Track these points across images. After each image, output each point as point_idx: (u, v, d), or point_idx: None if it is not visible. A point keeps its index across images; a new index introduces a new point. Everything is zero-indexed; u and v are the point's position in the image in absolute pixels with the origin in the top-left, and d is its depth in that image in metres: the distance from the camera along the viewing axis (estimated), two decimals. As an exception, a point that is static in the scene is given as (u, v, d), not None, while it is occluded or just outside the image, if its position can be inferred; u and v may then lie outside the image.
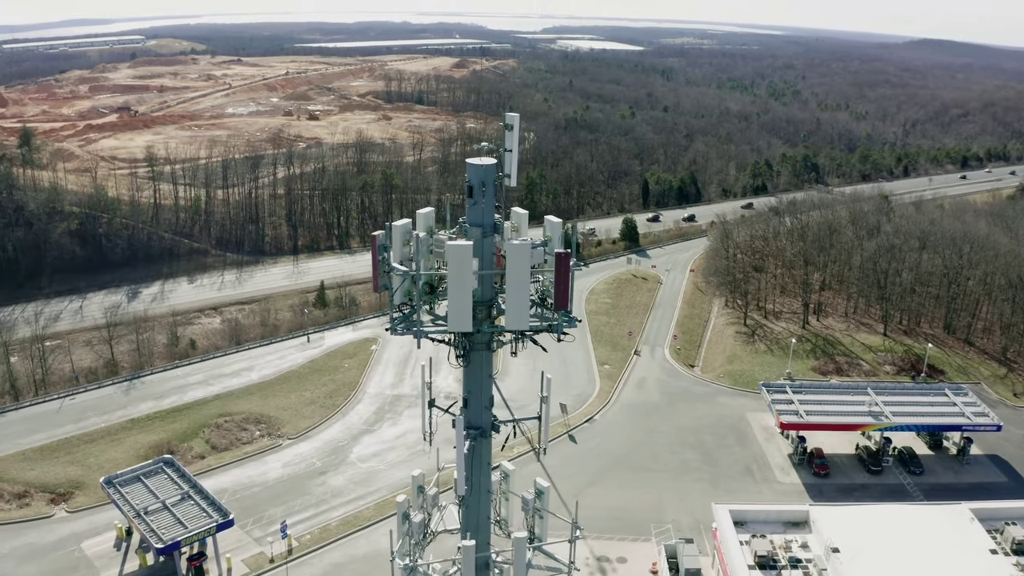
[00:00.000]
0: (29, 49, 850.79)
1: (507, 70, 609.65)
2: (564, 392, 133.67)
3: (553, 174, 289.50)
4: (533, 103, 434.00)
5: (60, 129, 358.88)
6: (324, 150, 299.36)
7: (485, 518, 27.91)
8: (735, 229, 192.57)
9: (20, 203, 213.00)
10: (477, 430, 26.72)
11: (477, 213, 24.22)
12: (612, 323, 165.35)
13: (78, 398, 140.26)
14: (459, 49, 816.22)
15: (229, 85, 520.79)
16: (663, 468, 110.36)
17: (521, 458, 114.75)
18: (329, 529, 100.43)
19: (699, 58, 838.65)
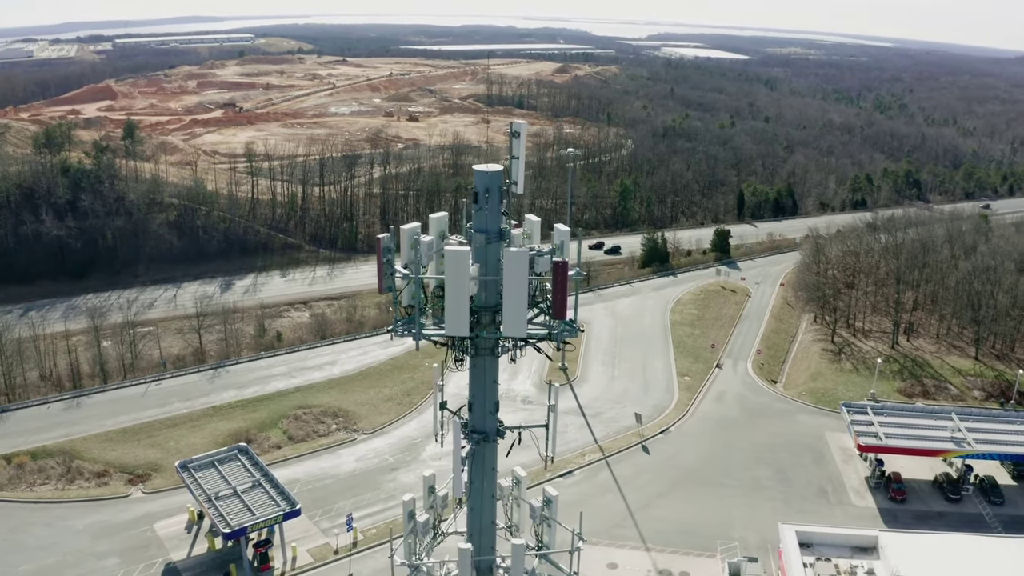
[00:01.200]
0: (141, 44, 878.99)
1: (609, 76, 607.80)
2: (641, 402, 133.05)
3: (648, 182, 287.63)
4: (632, 110, 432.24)
5: (166, 123, 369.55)
6: (421, 151, 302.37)
7: (489, 522, 27.93)
8: (828, 244, 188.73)
9: (121, 193, 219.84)
10: (481, 434, 26.74)
11: (482, 219, 24.30)
12: (696, 334, 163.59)
13: (164, 384, 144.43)
14: (562, 54, 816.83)
15: (333, 85, 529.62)
16: (735, 484, 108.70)
17: (592, 466, 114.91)
18: (397, 525, 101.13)
19: (805, 68, 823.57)
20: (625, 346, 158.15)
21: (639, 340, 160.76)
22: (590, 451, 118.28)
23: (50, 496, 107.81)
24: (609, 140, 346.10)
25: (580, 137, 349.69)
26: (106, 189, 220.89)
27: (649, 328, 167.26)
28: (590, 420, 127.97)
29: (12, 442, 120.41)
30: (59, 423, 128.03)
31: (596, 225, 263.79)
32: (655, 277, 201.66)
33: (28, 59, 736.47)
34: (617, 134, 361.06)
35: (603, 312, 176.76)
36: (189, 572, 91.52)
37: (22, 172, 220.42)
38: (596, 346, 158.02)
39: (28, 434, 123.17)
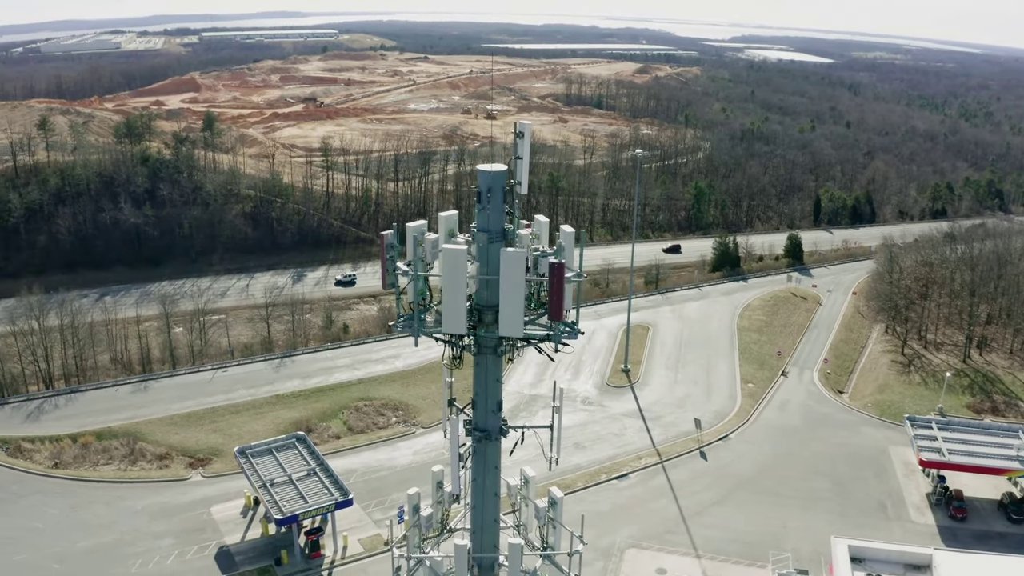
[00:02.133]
0: (227, 38, 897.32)
1: (690, 77, 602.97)
2: (702, 407, 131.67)
3: (723, 185, 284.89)
4: (710, 112, 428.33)
5: (247, 116, 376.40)
6: (496, 149, 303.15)
7: (491, 520, 27.86)
8: (903, 253, 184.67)
9: (199, 184, 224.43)
10: (483, 433, 26.65)
11: (484, 218, 24.23)
12: (763, 341, 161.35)
13: (230, 371, 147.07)
14: (644, 55, 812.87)
15: (413, 81, 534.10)
16: (792, 494, 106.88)
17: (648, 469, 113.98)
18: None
19: (890, 73, 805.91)
20: (690, 350, 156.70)
21: (704, 345, 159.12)
22: (647, 455, 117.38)
23: (112, 476, 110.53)
24: (686, 142, 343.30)
25: (657, 138, 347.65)
26: (184, 179, 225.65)
27: (715, 333, 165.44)
28: (649, 423, 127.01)
29: (80, 422, 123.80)
30: (126, 405, 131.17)
31: (669, 227, 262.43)
32: (725, 281, 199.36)
33: (116, 51, 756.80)
34: (694, 136, 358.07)
35: (670, 315, 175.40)
36: (241, 556, 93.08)
37: (102, 161, 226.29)
38: (660, 350, 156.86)
39: (95, 415, 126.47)
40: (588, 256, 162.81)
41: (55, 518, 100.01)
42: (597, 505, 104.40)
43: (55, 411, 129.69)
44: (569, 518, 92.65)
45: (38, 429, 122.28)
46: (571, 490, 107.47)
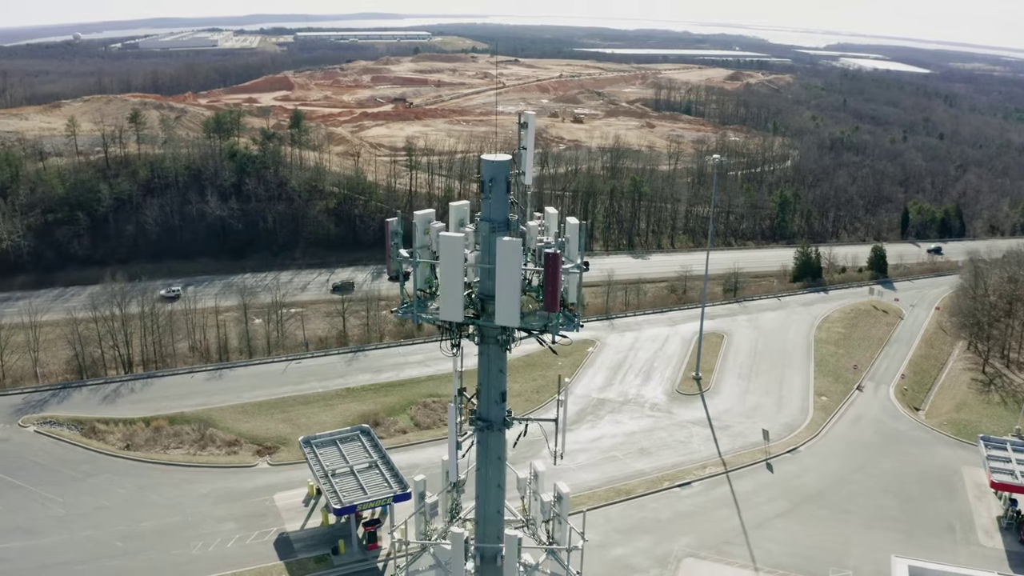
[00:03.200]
0: (322, 38, 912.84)
1: (782, 85, 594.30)
2: (772, 419, 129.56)
3: (810, 195, 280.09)
4: (800, 120, 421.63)
5: (337, 115, 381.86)
6: (581, 153, 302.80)
7: (494, 511, 27.74)
8: (989, 269, 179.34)
9: (284, 179, 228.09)
10: (486, 423, 26.57)
11: (488, 208, 24.17)
12: (840, 354, 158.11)
13: (304, 363, 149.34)
14: (736, 61, 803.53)
15: (503, 84, 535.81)
16: (857, 511, 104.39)
17: (712, 479, 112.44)
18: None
19: (988, 85, 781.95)
20: (764, 360, 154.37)
21: (779, 355, 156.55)
22: (712, 464, 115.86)
23: (181, 460, 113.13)
24: (774, 150, 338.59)
25: (744, 145, 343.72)
26: (270, 175, 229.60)
27: (791, 344, 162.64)
28: (717, 432, 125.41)
29: (154, 406, 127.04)
30: (200, 392, 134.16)
31: (752, 236, 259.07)
32: (805, 292, 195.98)
33: (212, 48, 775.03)
34: (782, 144, 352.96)
35: (746, 324, 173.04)
36: (300, 543, 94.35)
37: (191, 154, 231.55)
38: (734, 358, 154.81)
39: (170, 400, 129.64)
40: (666, 262, 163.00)
41: (122, 497, 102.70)
42: (657, 512, 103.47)
43: (131, 395, 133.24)
44: (629, 523, 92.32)
45: (113, 411, 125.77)
46: (632, 496, 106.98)
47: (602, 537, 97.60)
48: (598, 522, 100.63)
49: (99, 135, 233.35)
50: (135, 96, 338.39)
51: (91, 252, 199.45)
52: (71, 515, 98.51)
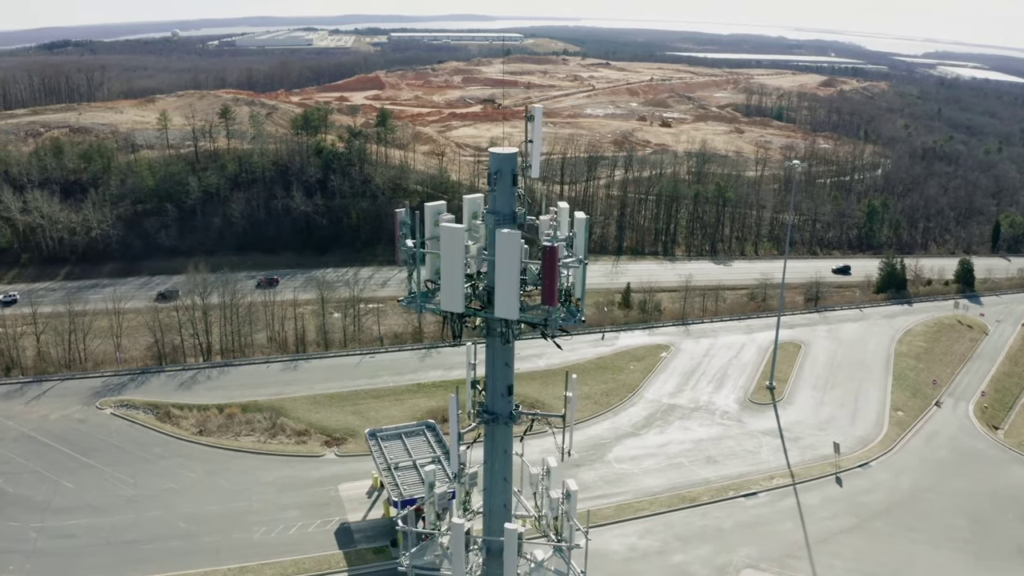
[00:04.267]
0: (415, 39, 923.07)
1: (876, 92, 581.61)
2: (845, 432, 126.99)
3: (898, 205, 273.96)
4: (892, 128, 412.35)
5: (426, 114, 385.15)
6: (666, 156, 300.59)
7: (501, 505, 27.69)
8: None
9: (369, 177, 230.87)
10: (491, 416, 26.56)
11: (493, 201, 24.17)
12: (920, 368, 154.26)
13: (377, 357, 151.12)
14: (830, 67, 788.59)
15: (592, 87, 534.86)
16: (925, 529, 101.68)
17: (778, 490, 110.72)
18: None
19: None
20: (840, 372, 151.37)
21: (857, 367, 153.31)
22: (780, 475, 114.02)
23: (251, 447, 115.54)
24: (864, 158, 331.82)
25: (834, 153, 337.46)
26: (355, 172, 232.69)
27: (871, 356, 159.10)
28: (787, 443, 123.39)
29: (228, 394, 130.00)
30: (274, 382, 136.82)
31: (839, 245, 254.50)
32: (888, 304, 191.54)
33: (307, 47, 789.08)
34: (873, 152, 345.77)
35: (825, 335, 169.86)
36: (360, 534, 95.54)
37: (279, 150, 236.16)
38: (810, 369, 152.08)
39: (244, 388, 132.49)
40: (748, 269, 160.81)
41: (191, 481, 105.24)
42: (719, 521, 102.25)
43: (207, 382, 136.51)
44: (690, 530, 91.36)
45: (188, 397, 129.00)
46: (696, 503, 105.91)
47: (661, 543, 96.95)
48: (658, 528, 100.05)
49: (190, 129, 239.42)
50: (228, 92, 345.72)
51: (178, 243, 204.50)
52: (140, 496, 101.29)
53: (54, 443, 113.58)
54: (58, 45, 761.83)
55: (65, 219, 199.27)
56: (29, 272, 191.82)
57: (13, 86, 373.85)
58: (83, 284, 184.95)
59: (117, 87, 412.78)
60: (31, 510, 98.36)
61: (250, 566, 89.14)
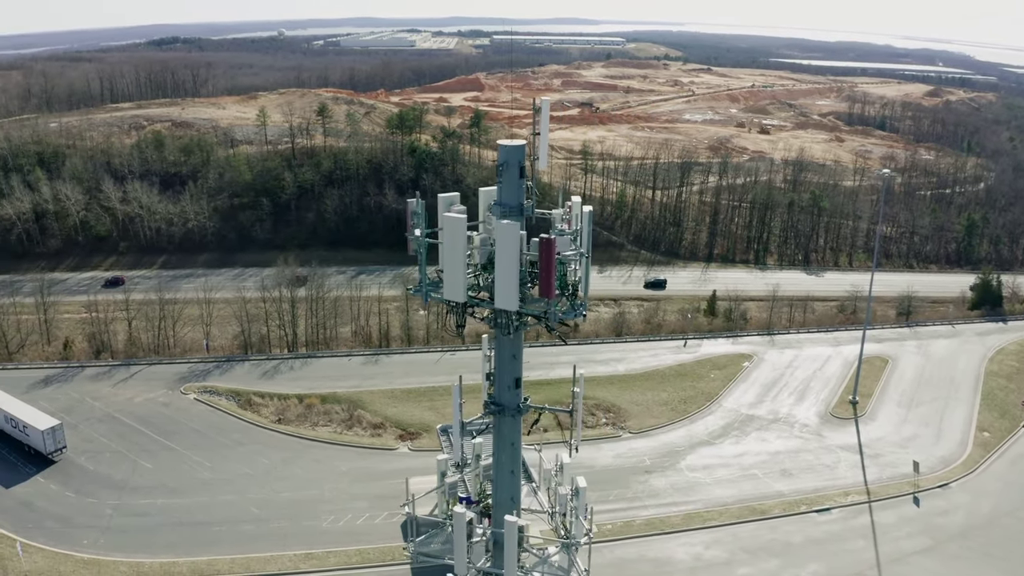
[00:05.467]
0: (517, 42, 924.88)
1: (983, 104, 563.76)
2: (927, 450, 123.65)
3: (1000, 219, 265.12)
4: (997, 141, 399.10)
5: (523, 117, 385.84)
6: (762, 164, 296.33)
7: (508, 498, 27.84)
8: None
9: (460, 176, 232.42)
10: (498, 407, 26.74)
11: (499, 193, 24.35)
12: (1010, 389, 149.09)
13: (458, 355, 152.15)
14: (937, 77, 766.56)
15: (692, 92, 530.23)
16: (1003, 557, 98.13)
17: (853, 507, 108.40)
18: (631, 525, 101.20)
19: None
20: (927, 389, 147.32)
21: (944, 385, 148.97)
22: (856, 491, 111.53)
23: (327, 437, 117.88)
24: (966, 171, 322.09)
25: (935, 164, 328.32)
26: (447, 172, 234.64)
27: (960, 375, 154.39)
28: (866, 460, 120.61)
29: (309, 384, 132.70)
30: (354, 375, 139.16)
31: (936, 259, 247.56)
32: (982, 321, 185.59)
33: (410, 48, 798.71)
34: (976, 165, 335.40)
35: (914, 350, 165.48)
36: (426, 527, 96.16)
37: (373, 149, 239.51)
38: (895, 385, 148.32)
39: (324, 380, 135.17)
40: (839, 280, 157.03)
41: (266, 468, 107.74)
42: (789, 536, 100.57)
43: (289, 372, 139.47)
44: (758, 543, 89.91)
45: (270, 386, 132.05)
46: (766, 516, 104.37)
47: (728, 555, 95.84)
48: (726, 539, 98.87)
49: (287, 126, 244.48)
50: (328, 91, 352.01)
51: (271, 236, 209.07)
52: (215, 479, 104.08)
53: (137, 424, 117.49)
54: (167, 42, 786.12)
55: (163, 210, 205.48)
56: (127, 260, 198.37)
57: (120, 80, 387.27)
58: (178, 273, 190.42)
59: (222, 84, 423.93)
60: (110, 488, 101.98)
61: (315, 553, 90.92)
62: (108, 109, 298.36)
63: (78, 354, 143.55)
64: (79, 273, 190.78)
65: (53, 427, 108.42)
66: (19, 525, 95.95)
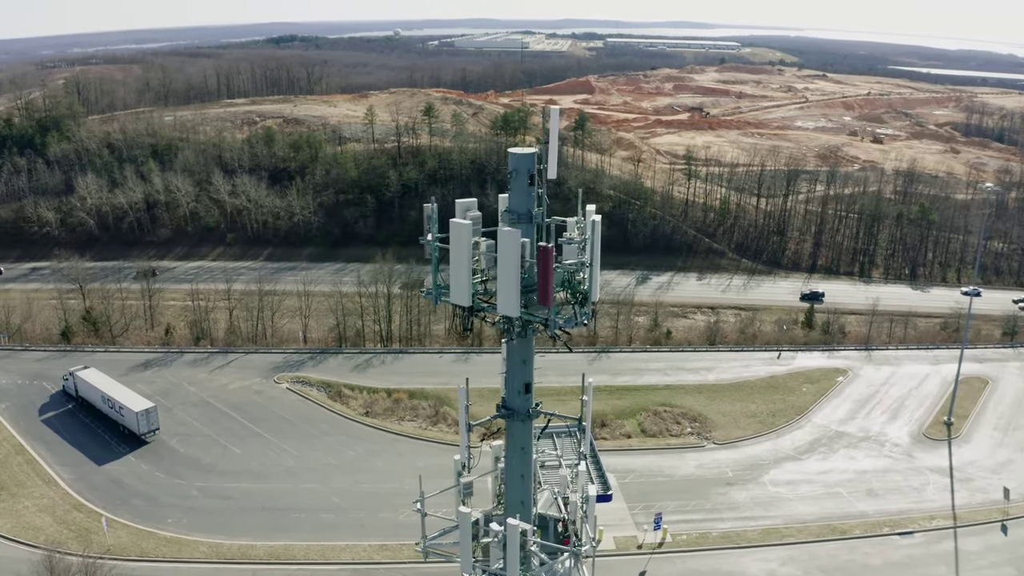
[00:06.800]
0: (630, 45, 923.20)
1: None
2: (1021, 477, 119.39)
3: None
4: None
5: (632, 120, 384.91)
6: (871, 174, 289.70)
7: (519, 502, 28.35)
8: None
9: (562, 179, 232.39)
10: (508, 411, 27.30)
11: (510, 200, 24.94)
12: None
13: (548, 357, 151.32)
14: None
15: (805, 99, 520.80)
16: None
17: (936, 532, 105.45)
18: (707, 537, 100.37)
19: None
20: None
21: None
22: (941, 515, 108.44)
23: (412, 432, 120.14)
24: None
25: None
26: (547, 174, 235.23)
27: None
28: (956, 483, 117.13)
29: (399, 379, 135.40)
30: (444, 372, 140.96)
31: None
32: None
33: (523, 49, 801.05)
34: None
35: (1016, 372, 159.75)
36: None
37: (477, 149, 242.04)
38: (994, 407, 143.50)
39: (414, 376, 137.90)
40: (945, 297, 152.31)
41: (350, 459, 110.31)
42: (868, 558, 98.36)
43: (380, 366, 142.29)
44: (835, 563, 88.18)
45: (360, 379, 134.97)
46: (845, 536, 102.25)
47: (803, 573, 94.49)
48: (802, 557, 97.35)
49: (394, 125, 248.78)
50: (439, 91, 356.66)
51: (374, 233, 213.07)
52: (300, 467, 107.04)
53: (229, 411, 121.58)
54: (285, 39, 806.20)
55: (270, 204, 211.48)
56: (233, 251, 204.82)
57: (236, 77, 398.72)
58: (282, 266, 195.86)
59: (335, 82, 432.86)
60: (197, 470, 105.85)
61: (390, 544, 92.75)
62: (222, 104, 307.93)
63: (179, 340, 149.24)
64: (187, 262, 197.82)
65: (147, 409, 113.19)
66: (108, 501, 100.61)
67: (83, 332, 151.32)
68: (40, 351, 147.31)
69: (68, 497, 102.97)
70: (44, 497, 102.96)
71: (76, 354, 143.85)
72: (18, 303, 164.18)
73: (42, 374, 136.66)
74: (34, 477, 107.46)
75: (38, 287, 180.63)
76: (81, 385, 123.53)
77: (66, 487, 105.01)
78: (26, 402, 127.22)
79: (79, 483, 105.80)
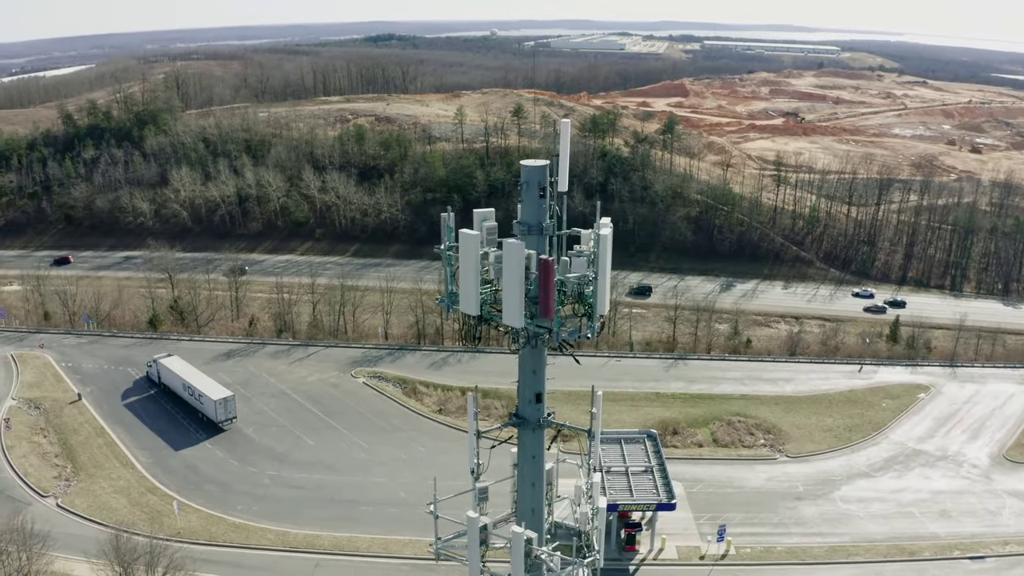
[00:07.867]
0: (728, 47, 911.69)
1: None
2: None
3: None
4: None
5: (724, 124, 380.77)
6: (967, 184, 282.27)
7: (529, 510, 28.94)
8: None
9: (649, 183, 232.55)
10: (519, 420, 27.97)
11: (523, 212, 25.59)
12: None
13: (623, 362, 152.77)
14: None
15: (904, 106, 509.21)
16: None
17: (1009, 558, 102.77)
18: (771, 551, 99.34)
19: None
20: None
21: None
22: (1016, 541, 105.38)
23: (483, 431, 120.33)
24: None
25: None
26: (636, 177, 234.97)
27: None
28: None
29: (474, 378, 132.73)
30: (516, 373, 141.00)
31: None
32: None
33: (619, 51, 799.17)
34: None
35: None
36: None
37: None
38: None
39: (490, 375, 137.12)
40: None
41: (420, 455, 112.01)
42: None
43: (457, 364, 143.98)
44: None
45: (436, 377, 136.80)
46: (914, 558, 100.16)
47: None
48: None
49: (483, 125, 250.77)
50: (531, 92, 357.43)
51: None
52: (370, 461, 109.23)
53: (306, 402, 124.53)
54: (383, 38, 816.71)
55: (359, 200, 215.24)
56: (321, 246, 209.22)
57: (333, 75, 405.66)
58: (368, 262, 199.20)
59: (430, 81, 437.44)
60: (271, 459, 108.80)
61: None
62: (317, 102, 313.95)
63: (262, 331, 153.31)
64: (275, 256, 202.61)
65: (225, 398, 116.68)
66: (181, 486, 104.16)
67: (170, 320, 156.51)
68: (127, 337, 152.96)
69: (144, 480, 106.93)
70: (121, 479, 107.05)
71: (162, 342, 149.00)
72: (109, 290, 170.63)
73: (127, 360, 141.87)
74: (112, 459, 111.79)
75: (129, 275, 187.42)
76: (163, 372, 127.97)
77: (143, 470, 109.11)
78: (110, 387, 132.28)
79: (155, 467, 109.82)
